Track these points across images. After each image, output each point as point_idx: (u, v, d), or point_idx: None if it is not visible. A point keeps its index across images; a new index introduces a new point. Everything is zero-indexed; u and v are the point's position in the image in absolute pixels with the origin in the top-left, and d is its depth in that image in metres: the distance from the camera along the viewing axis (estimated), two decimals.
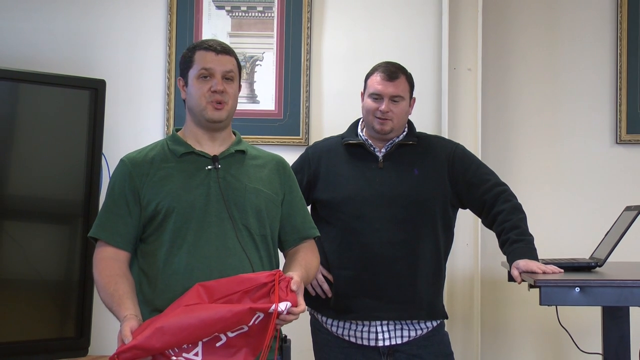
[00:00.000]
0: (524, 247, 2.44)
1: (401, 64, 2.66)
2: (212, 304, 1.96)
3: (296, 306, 1.98)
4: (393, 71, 2.60)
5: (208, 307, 1.94)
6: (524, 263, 2.38)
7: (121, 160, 2.23)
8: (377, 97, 2.59)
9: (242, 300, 1.96)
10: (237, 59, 2.25)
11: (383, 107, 2.57)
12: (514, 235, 2.47)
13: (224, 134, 2.25)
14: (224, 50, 2.21)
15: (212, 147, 2.22)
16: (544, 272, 2.32)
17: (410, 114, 2.69)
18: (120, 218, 2.14)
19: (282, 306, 1.94)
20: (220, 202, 2.13)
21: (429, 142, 2.70)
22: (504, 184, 2.63)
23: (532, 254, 2.43)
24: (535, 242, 2.48)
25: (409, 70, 2.67)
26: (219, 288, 1.99)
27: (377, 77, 2.61)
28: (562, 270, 2.38)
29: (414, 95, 2.68)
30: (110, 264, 2.10)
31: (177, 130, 2.29)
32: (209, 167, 2.17)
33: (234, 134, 2.31)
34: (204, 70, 2.17)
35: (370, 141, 2.66)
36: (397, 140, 2.64)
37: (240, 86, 2.27)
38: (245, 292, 1.97)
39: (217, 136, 2.23)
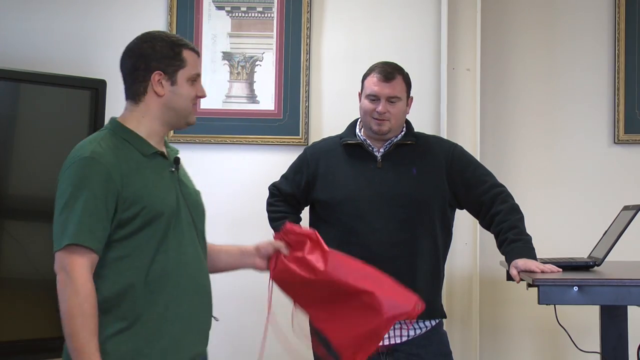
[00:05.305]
0: (522, 247, 2.45)
1: (400, 64, 2.67)
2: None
3: None
4: (389, 72, 2.60)
5: (373, 274, 2.17)
6: (522, 262, 2.39)
7: (89, 158, 1.90)
8: (373, 98, 2.59)
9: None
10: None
11: (380, 108, 2.57)
12: (512, 235, 2.48)
13: None
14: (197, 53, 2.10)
15: (161, 147, 2.07)
16: (543, 271, 2.33)
17: (408, 113, 2.69)
18: (99, 222, 1.87)
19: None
20: (185, 207, 2.02)
21: (428, 142, 2.71)
22: (502, 185, 2.64)
23: (530, 253, 2.44)
24: (533, 242, 2.49)
25: (406, 70, 2.67)
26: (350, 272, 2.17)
27: (373, 78, 2.60)
28: (561, 270, 2.38)
29: (411, 95, 2.69)
30: (93, 293, 1.85)
31: (120, 122, 2.06)
32: (172, 169, 2.05)
33: None
34: (197, 75, 2.05)
35: (368, 141, 2.66)
36: (395, 140, 2.65)
37: None
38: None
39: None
